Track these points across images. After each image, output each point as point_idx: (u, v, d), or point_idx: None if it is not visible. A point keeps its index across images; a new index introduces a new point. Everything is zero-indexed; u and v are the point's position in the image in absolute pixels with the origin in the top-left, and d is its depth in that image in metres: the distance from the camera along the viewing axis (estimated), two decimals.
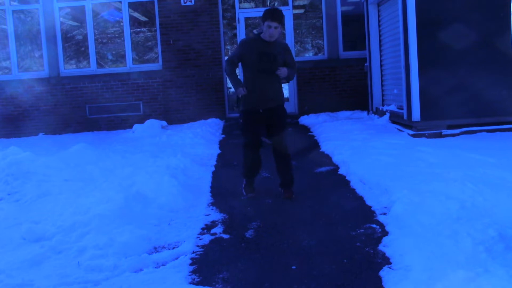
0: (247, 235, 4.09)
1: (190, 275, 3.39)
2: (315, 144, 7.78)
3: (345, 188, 5.32)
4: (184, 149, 7.30)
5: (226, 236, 4.10)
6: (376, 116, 9.86)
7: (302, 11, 11.99)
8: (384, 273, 3.24)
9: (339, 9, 11.18)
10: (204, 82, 10.90)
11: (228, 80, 12.24)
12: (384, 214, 4.35)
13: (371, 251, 3.63)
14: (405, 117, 8.04)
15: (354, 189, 5.21)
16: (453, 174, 5.06)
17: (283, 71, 4.82)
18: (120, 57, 11.30)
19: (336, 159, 6.52)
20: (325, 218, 4.42)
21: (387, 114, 9.17)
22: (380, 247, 3.66)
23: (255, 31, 4.76)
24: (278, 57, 4.84)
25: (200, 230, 4.24)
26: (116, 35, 11.32)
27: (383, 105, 9.90)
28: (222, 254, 3.73)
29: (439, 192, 4.47)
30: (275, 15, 4.71)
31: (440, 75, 7.57)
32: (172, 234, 4.18)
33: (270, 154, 5.11)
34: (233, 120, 10.70)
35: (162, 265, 3.56)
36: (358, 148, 6.61)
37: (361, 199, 4.88)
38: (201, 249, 3.83)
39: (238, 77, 4.98)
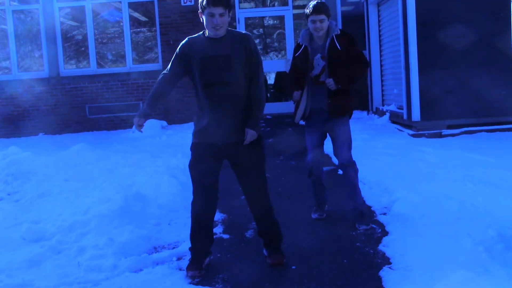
0: (247, 235, 4.09)
1: None
2: None
3: (345, 188, 5.31)
4: (184, 149, 7.25)
5: (226, 236, 4.10)
6: (376, 116, 9.86)
7: (302, 11, 11.99)
8: (384, 273, 3.24)
9: (339, 9, 11.17)
10: None
11: None
12: (384, 214, 4.35)
13: (371, 251, 3.63)
14: (405, 117, 8.04)
15: None
16: (453, 174, 5.06)
17: (249, 137, 3.22)
18: (120, 57, 11.29)
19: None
20: (325, 218, 4.41)
21: (387, 114, 9.17)
22: (380, 247, 3.66)
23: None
24: (234, 60, 3.23)
25: None
26: (116, 35, 11.32)
27: (383, 105, 9.90)
28: (222, 254, 3.72)
29: (439, 192, 4.48)
30: None
31: (440, 75, 7.57)
32: (172, 234, 4.18)
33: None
34: None
35: (162, 265, 3.56)
36: (358, 148, 6.58)
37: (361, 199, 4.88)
38: None
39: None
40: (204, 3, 3.18)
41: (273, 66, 13.19)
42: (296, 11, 11.48)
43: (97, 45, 11.13)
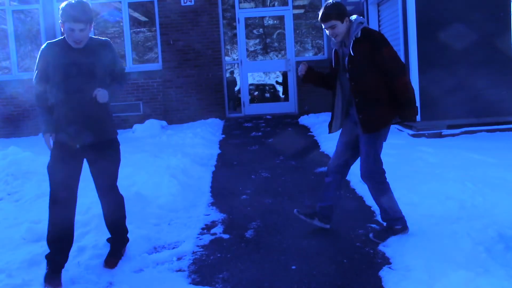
0: (247, 235, 4.09)
1: (190, 275, 3.39)
2: (315, 144, 7.78)
3: (345, 188, 5.31)
4: (184, 149, 7.30)
5: (226, 236, 4.10)
6: None
7: (302, 11, 12.00)
8: (384, 273, 3.24)
9: None
10: (204, 82, 10.90)
11: (227, 81, 12.25)
12: None
13: (371, 251, 3.63)
14: None
15: (354, 189, 5.21)
16: (453, 174, 5.06)
17: (100, 95, 3.24)
18: (120, 57, 11.30)
19: None
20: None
21: None
22: (380, 247, 3.66)
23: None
24: (96, 68, 3.31)
25: (200, 230, 4.24)
26: (116, 35, 11.32)
27: None
28: (222, 254, 3.73)
29: (439, 192, 4.48)
30: (76, 12, 3.12)
31: (440, 75, 7.58)
32: (172, 234, 4.18)
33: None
34: (233, 120, 10.72)
35: (162, 265, 3.56)
36: None
37: (360, 199, 4.88)
38: (201, 249, 3.83)
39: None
40: (64, 16, 3.16)
41: (273, 66, 13.21)
42: (296, 11, 11.49)
43: None
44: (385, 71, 3.53)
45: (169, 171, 5.67)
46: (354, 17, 3.70)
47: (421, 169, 5.44)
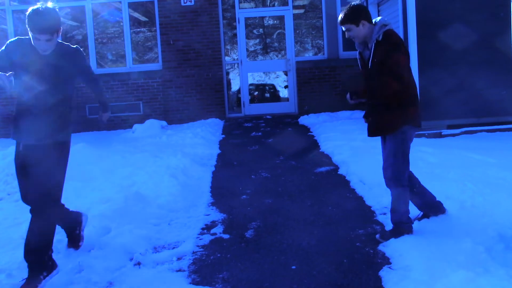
0: (247, 235, 4.09)
1: (190, 275, 3.39)
2: (315, 144, 7.78)
3: (345, 188, 5.31)
4: (184, 149, 7.30)
5: (226, 236, 4.11)
6: None
7: (302, 11, 11.99)
8: (384, 273, 3.24)
9: (339, 9, 11.17)
10: (204, 82, 10.90)
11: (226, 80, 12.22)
12: (384, 214, 4.35)
13: (371, 251, 3.63)
14: None
15: (354, 189, 5.21)
16: (453, 174, 5.07)
17: (105, 117, 3.72)
18: (120, 57, 11.29)
19: (336, 159, 6.52)
20: (325, 218, 4.42)
21: None
22: (380, 247, 3.66)
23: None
24: (60, 73, 3.30)
25: (200, 230, 4.24)
26: (116, 35, 11.32)
27: None
28: (222, 254, 3.73)
29: (439, 192, 4.47)
30: (42, 23, 3.10)
31: (440, 75, 7.57)
32: (172, 234, 4.18)
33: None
34: (233, 120, 10.72)
35: (162, 265, 3.56)
36: (358, 148, 6.60)
37: (361, 199, 4.88)
38: (201, 249, 3.83)
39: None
40: (29, 26, 3.12)
41: (273, 66, 13.20)
42: (296, 11, 11.49)
43: (97, 45, 11.12)
44: (386, 72, 3.50)
45: (169, 171, 5.67)
46: (378, 19, 3.71)
47: (421, 169, 5.43)
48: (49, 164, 3.28)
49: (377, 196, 4.77)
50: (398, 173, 3.67)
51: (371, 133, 3.74)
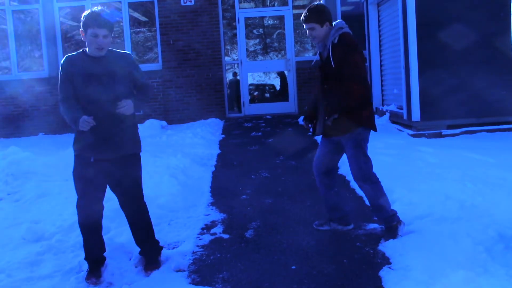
0: (247, 235, 4.09)
1: (190, 275, 3.39)
2: (315, 144, 7.77)
3: (345, 188, 5.31)
4: (184, 149, 7.30)
5: (226, 236, 4.10)
6: (376, 116, 9.86)
7: (302, 11, 12.00)
8: (384, 273, 3.24)
9: (339, 9, 11.18)
10: (204, 82, 10.90)
11: (226, 81, 12.24)
12: None
13: (371, 251, 3.63)
14: (405, 117, 8.04)
15: (354, 189, 5.21)
16: (453, 174, 5.06)
17: (126, 107, 3.25)
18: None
19: None
20: (325, 218, 4.41)
21: (387, 114, 9.17)
22: (380, 247, 3.66)
23: None
24: (116, 78, 3.31)
25: (200, 230, 4.24)
26: (116, 35, 11.32)
27: (383, 105, 9.90)
28: (222, 254, 3.73)
29: (438, 192, 4.48)
30: (100, 18, 3.28)
31: (440, 75, 7.57)
32: (172, 234, 4.18)
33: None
34: (233, 120, 10.72)
35: (162, 265, 3.56)
36: None
37: (360, 199, 4.88)
38: (201, 249, 3.83)
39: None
40: (88, 23, 3.24)
41: (273, 66, 13.20)
42: (296, 11, 11.48)
43: None
44: (346, 75, 3.57)
45: (169, 171, 5.67)
46: (337, 21, 3.78)
47: (421, 169, 5.44)
48: (135, 176, 3.48)
49: None
50: (365, 171, 3.80)
51: (331, 133, 3.77)
